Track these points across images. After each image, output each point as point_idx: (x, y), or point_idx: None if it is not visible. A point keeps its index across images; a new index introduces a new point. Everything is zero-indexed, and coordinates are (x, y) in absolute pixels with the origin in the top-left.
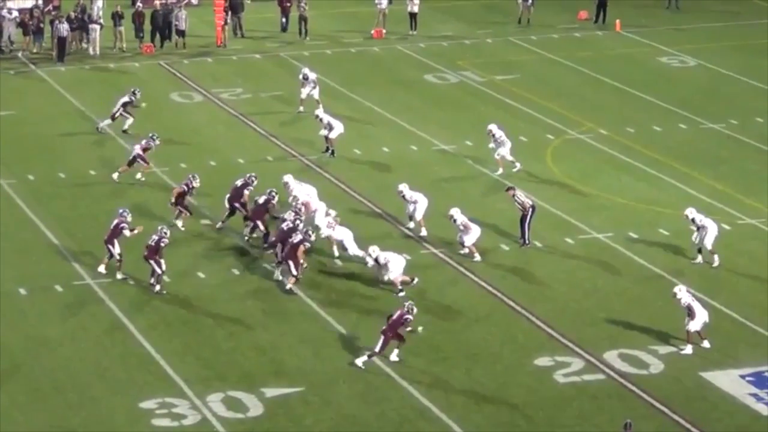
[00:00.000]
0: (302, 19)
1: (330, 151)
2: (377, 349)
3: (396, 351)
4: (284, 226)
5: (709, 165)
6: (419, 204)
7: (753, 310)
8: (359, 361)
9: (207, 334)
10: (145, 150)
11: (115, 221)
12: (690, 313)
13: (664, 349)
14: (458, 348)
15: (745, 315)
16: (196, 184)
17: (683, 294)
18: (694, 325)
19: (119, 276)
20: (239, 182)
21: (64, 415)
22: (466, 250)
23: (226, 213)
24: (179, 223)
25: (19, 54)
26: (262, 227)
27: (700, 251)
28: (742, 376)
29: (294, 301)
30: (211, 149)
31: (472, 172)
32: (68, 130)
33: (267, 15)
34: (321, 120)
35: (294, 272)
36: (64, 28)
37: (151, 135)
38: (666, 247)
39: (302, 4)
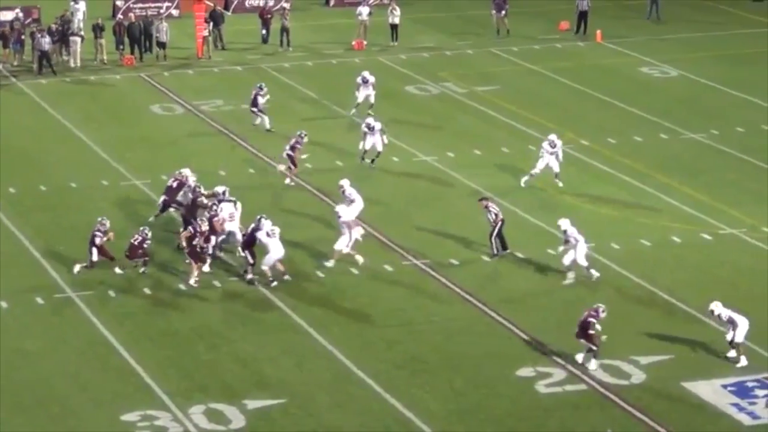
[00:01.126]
0: (284, 30)
1: (371, 161)
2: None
3: (583, 355)
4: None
5: (690, 175)
6: (355, 204)
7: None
8: (591, 365)
9: (188, 346)
10: (293, 148)
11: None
12: (733, 325)
13: (645, 360)
14: (440, 359)
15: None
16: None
17: (720, 309)
18: (740, 336)
19: (76, 269)
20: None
21: (46, 428)
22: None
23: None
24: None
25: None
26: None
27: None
28: (724, 386)
29: (275, 312)
30: (192, 160)
31: (452, 182)
32: (49, 143)
33: (248, 27)
34: (370, 128)
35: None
36: (45, 41)
37: (299, 133)
38: (648, 257)
39: (285, 15)
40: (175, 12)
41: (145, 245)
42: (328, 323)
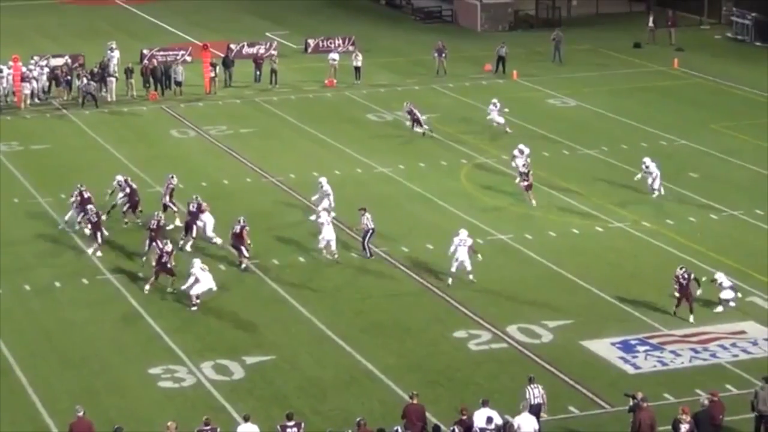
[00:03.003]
0: (273, 72)
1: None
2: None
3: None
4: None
5: (586, 182)
6: (330, 196)
7: (620, 292)
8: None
9: (201, 315)
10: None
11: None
12: (733, 289)
13: (552, 324)
14: (394, 324)
15: (614, 296)
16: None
17: (723, 278)
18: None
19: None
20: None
21: (89, 380)
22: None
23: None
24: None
25: (53, 101)
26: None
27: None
28: (613, 344)
29: (268, 289)
30: (202, 173)
31: (404, 189)
32: (91, 159)
33: (245, 69)
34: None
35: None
36: (91, 84)
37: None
38: (551, 244)
39: (273, 60)
40: (188, 58)
41: (160, 224)
42: (309, 298)
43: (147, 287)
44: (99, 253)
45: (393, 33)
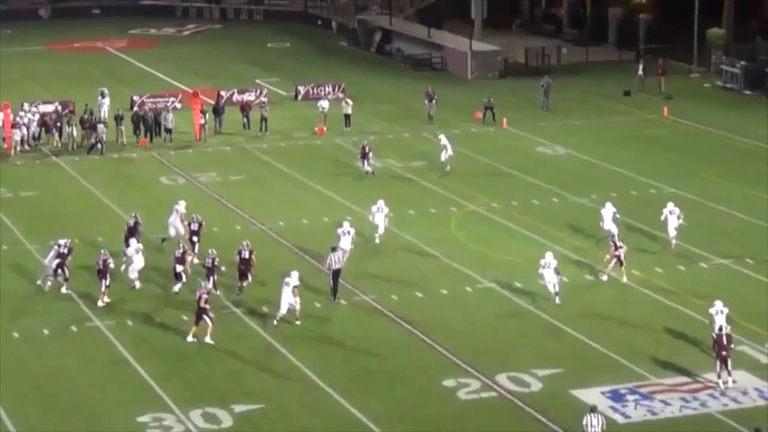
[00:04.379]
0: (263, 119)
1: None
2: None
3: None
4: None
5: (575, 230)
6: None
7: (610, 340)
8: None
9: (189, 362)
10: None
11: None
12: (728, 319)
13: (541, 372)
14: (384, 371)
15: (604, 344)
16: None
17: (720, 307)
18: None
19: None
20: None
21: (77, 428)
22: None
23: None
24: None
25: (43, 148)
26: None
27: None
28: (603, 393)
29: (257, 337)
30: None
31: (393, 236)
32: (81, 206)
33: (235, 117)
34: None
35: None
36: (101, 130)
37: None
38: (541, 292)
39: (264, 108)
40: (178, 105)
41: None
42: (298, 345)
43: (190, 338)
44: (106, 299)
45: (383, 80)
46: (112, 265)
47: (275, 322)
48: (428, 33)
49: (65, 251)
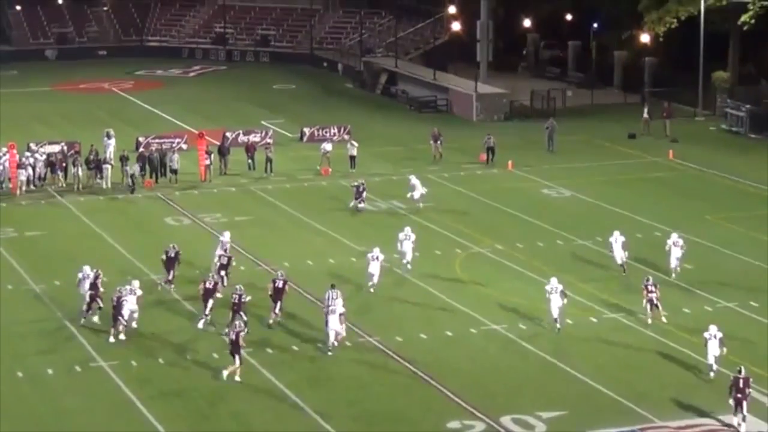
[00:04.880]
0: (268, 160)
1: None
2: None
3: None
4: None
5: (580, 273)
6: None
7: (615, 383)
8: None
9: (192, 403)
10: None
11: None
12: (721, 342)
13: (546, 414)
14: (388, 413)
15: (609, 387)
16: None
17: (715, 331)
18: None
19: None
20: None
21: None
22: None
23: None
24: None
25: (49, 188)
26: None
27: None
28: None
29: (260, 377)
30: (197, 260)
31: (398, 278)
32: (86, 246)
33: (239, 158)
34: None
35: None
36: (137, 168)
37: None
38: (547, 335)
39: (269, 149)
40: (184, 146)
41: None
42: (302, 387)
43: (225, 373)
44: (122, 336)
45: (388, 122)
46: (125, 302)
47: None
48: (434, 75)
49: (94, 280)
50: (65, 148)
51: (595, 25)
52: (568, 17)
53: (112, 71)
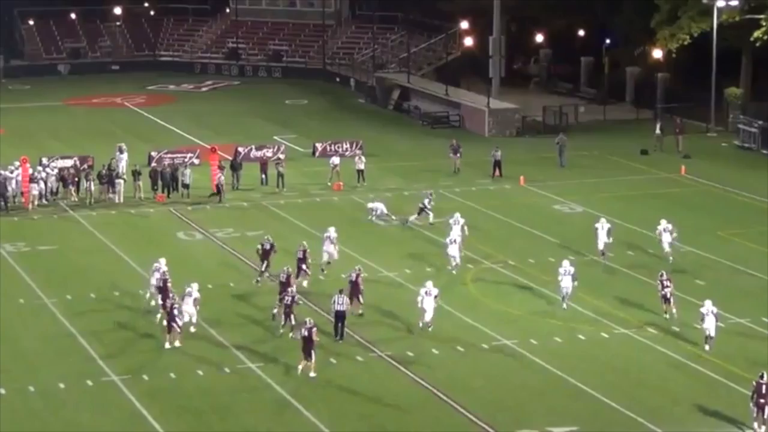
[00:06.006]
0: (280, 175)
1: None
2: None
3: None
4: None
5: (591, 288)
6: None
7: (626, 399)
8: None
9: (203, 417)
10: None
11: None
12: (716, 317)
13: (557, 430)
14: (400, 429)
15: (620, 403)
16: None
17: (710, 307)
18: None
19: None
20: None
21: None
22: None
23: None
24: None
25: (61, 202)
26: None
27: None
28: None
29: (270, 391)
30: (208, 275)
31: (410, 293)
32: (97, 261)
33: (252, 173)
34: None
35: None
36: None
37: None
38: (557, 350)
39: (280, 164)
40: (196, 161)
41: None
42: (313, 401)
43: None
44: (177, 344)
45: (400, 138)
46: (184, 305)
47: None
48: (446, 91)
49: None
50: (77, 162)
51: (608, 40)
52: (581, 33)
53: (124, 86)
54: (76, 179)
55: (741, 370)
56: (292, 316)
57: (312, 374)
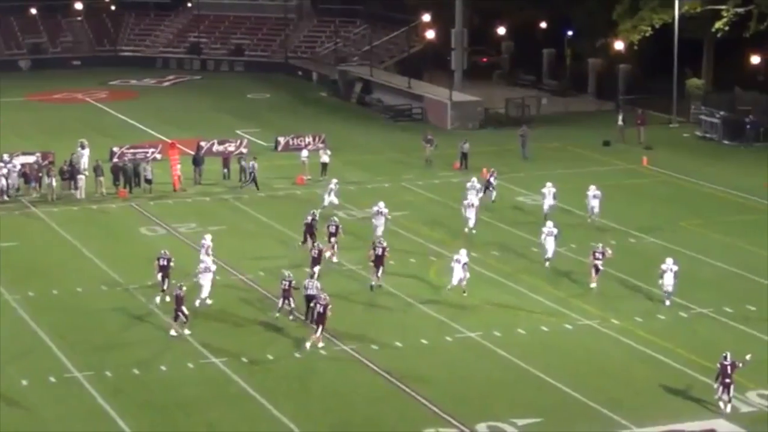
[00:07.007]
0: (243, 169)
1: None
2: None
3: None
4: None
5: (554, 279)
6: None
7: (589, 390)
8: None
9: (168, 414)
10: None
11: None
12: (675, 274)
13: (521, 422)
14: (364, 421)
15: (584, 394)
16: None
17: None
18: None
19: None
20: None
21: None
22: None
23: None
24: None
25: (22, 199)
26: None
27: None
28: None
29: (235, 387)
30: (172, 271)
31: (375, 288)
32: (59, 257)
33: (214, 167)
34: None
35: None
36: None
37: None
38: (520, 342)
39: (243, 158)
40: (158, 156)
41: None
42: (276, 395)
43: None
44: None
45: (363, 131)
46: (199, 283)
47: None
48: (408, 84)
49: (165, 262)
50: (39, 158)
51: (570, 32)
52: (543, 25)
53: (86, 81)
54: (39, 175)
55: (703, 359)
56: (291, 299)
57: (320, 345)
